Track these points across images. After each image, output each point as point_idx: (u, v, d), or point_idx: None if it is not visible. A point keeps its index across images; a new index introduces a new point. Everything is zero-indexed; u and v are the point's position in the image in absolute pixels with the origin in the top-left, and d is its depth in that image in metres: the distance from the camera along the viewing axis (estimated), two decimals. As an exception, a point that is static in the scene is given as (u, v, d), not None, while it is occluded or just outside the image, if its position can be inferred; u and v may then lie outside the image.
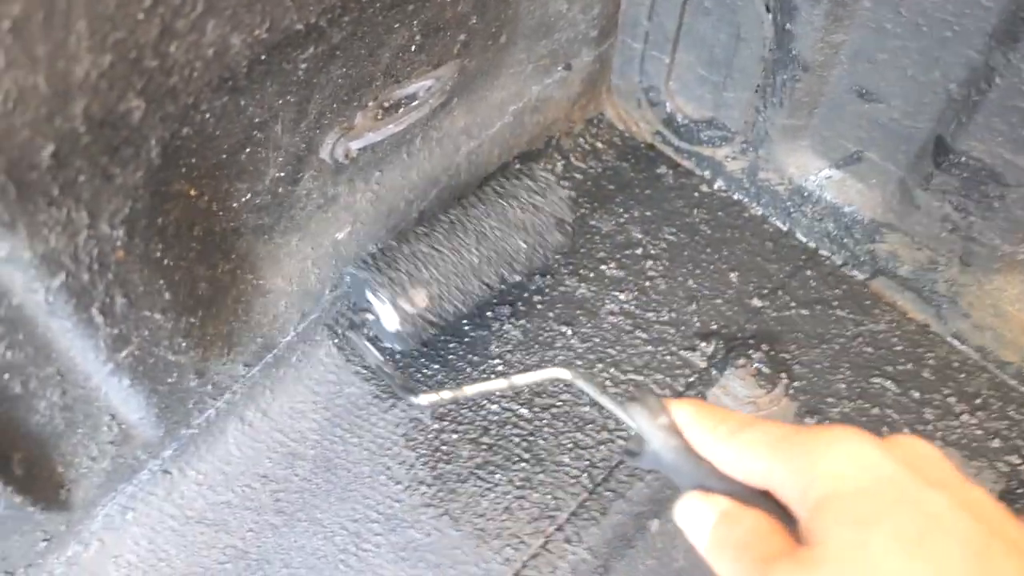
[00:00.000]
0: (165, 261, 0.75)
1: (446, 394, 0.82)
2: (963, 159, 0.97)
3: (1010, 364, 1.09)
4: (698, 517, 0.57)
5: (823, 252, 1.19)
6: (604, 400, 0.65)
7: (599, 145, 1.28)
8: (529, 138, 1.20)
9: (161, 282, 0.75)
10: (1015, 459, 1.02)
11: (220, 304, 0.88)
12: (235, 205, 0.85)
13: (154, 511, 0.94)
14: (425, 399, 0.86)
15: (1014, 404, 1.07)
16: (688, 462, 0.58)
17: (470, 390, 0.79)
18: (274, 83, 0.77)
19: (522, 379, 0.73)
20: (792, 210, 1.19)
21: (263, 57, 0.72)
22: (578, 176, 1.25)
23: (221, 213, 0.83)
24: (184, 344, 0.82)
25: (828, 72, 1.04)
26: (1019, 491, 1.00)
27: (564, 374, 0.70)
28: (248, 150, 0.81)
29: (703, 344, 1.10)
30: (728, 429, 0.56)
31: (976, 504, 0.48)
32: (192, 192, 0.77)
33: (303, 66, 0.78)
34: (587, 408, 1.04)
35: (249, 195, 0.86)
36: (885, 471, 0.49)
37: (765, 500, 0.55)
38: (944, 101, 0.96)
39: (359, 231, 1.02)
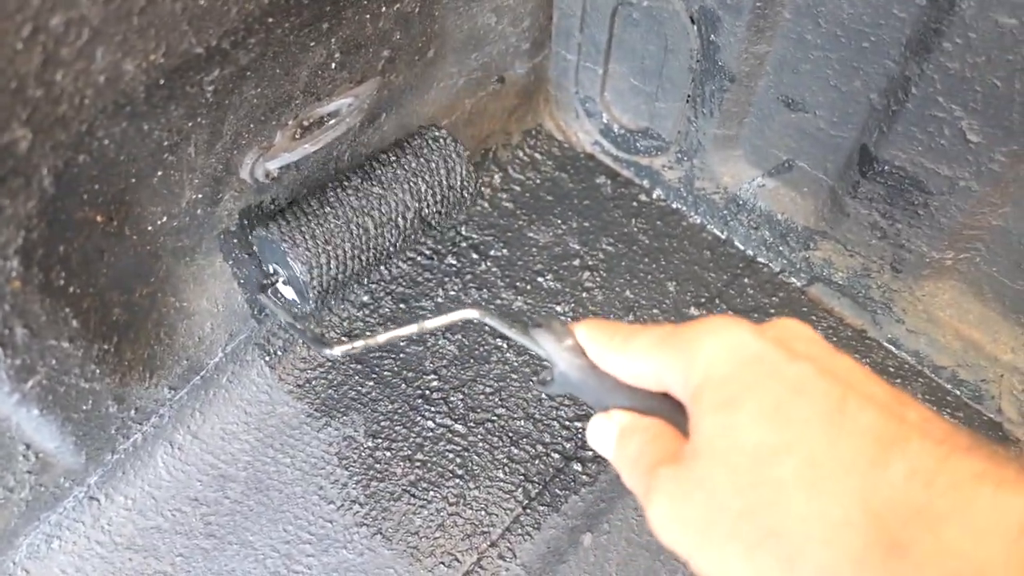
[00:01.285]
0: (71, 289, 0.74)
1: (359, 343, 0.81)
2: (887, 168, 0.98)
3: (944, 368, 1.09)
4: (602, 436, 0.59)
5: (760, 260, 1.20)
6: (512, 333, 0.65)
7: (537, 156, 1.27)
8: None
9: (67, 311, 0.74)
10: None
11: (138, 328, 0.87)
12: (150, 228, 0.84)
13: (81, 538, 0.93)
14: (339, 349, 0.84)
15: (948, 408, 1.08)
16: (593, 379, 0.59)
17: (382, 337, 0.78)
18: (179, 106, 0.76)
19: (432, 323, 0.73)
20: (729, 218, 1.20)
21: (162, 82, 0.71)
22: (516, 188, 1.24)
23: (135, 237, 0.82)
24: (98, 371, 0.82)
25: (755, 82, 1.04)
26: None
27: (472, 313, 0.71)
28: (160, 173, 0.80)
29: (639, 355, 1.10)
30: (621, 339, 0.57)
31: (838, 369, 0.49)
32: (99, 218, 0.76)
33: (210, 88, 0.78)
34: (522, 422, 1.04)
35: (165, 218, 0.85)
36: (752, 350, 0.50)
37: (664, 403, 0.56)
38: (866, 110, 0.97)
39: (288, 250, 1.01)
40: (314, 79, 0.90)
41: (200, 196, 0.87)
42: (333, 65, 0.91)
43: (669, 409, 0.56)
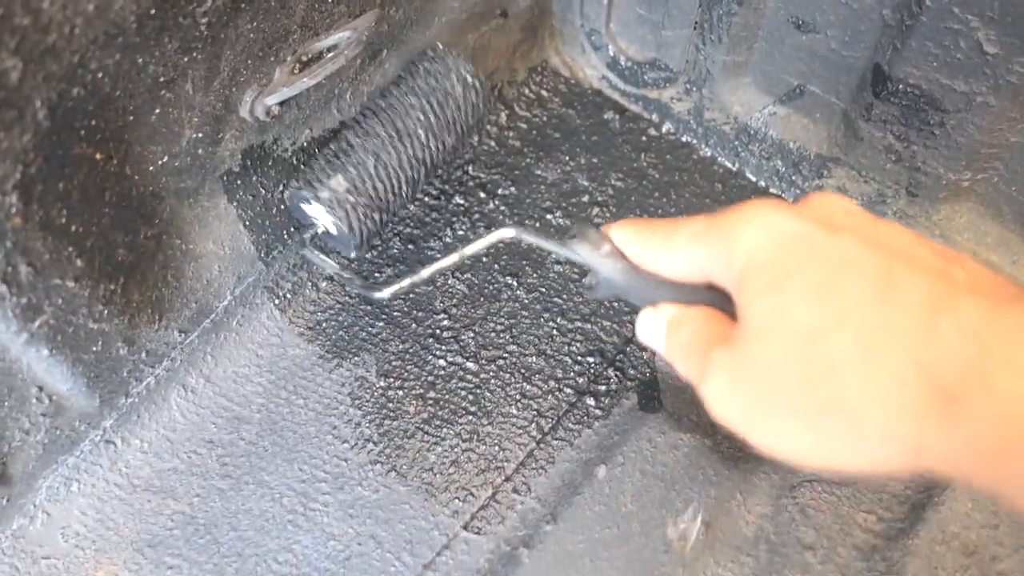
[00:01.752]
0: (73, 227, 0.74)
1: (405, 282, 0.84)
2: (901, 87, 0.95)
3: (962, 294, 1.07)
4: (652, 330, 0.62)
5: (773, 190, 1.17)
6: (551, 246, 0.67)
7: (544, 93, 1.25)
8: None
9: (70, 249, 0.74)
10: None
11: (145, 270, 0.87)
12: (151, 168, 0.83)
13: (99, 481, 0.94)
14: (387, 291, 0.87)
15: (967, 334, 1.06)
16: (636, 279, 0.61)
17: (426, 272, 0.81)
18: (173, 39, 0.74)
19: (471, 248, 0.75)
20: (740, 149, 1.17)
21: (153, 11, 0.69)
22: (523, 126, 1.22)
23: (136, 177, 0.82)
24: (105, 312, 0.81)
25: (763, 4, 1.01)
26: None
27: (509, 232, 0.71)
28: (158, 111, 0.80)
29: (651, 289, 1.08)
30: (661, 236, 0.59)
31: (882, 237, 0.50)
32: (98, 156, 0.75)
33: (204, 20, 0.76)
34: (534, 358, 1.03)
35: (166, 158, 0.84)
36: (794, 231, 0.51)
37: (709, 293, 0.57)
38: (879, 28, 0.94)
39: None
40: (311, 12, 0.89)
41: (200, 135, 0.86)
42: (330, -2, 0.90)
43: (716, 299, 0.57)
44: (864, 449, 0.47)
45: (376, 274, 1.08)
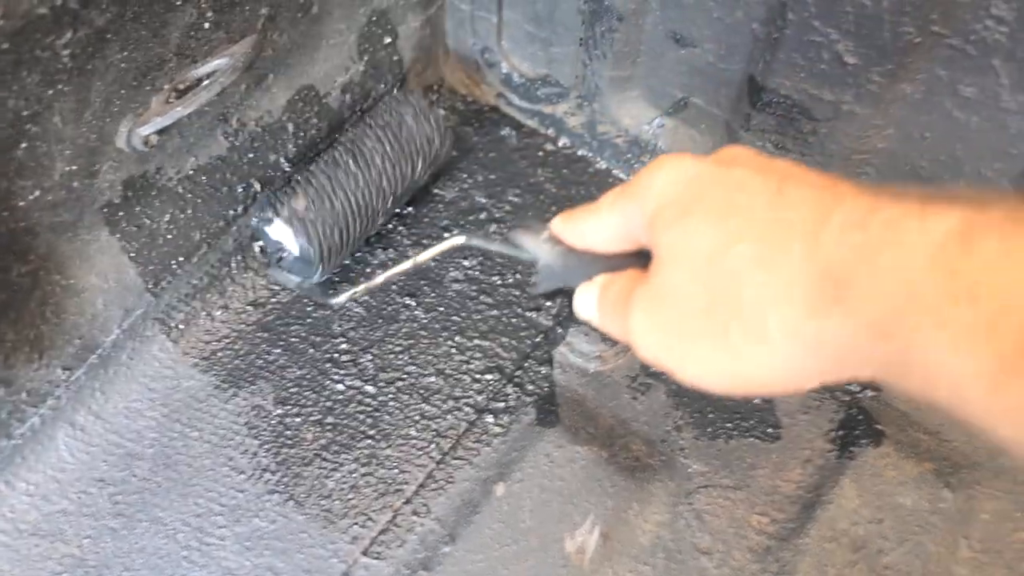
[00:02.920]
0: (-68, 269, 0.72)
1: (359, 287, 0.87)
2: (775, 97, 0.98)
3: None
4: (586, 299, 0.65)
5: (667, 201, 1.20)
6: (497, 246, 0.71)
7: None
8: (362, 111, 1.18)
9: (-70, 291, 0.72)
10: (855, 387, 1.04)
11: (20, 308, 0.84)
12: (22, 204, 0.81)
13: (-17, 528, 0.91)
14: (343, 296, 0.90)
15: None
16: (573, 260, 0.64)
17: (379, 278, 0.83)
18: (33, 73, 0.73)
19: (424, 255, 0.77)
20: (633, 161, 1.20)
21: (5, 46, 0.68)
22: (419, 145, 1.23)
23: (5, 213, 0.80)
24: (-25, 354, 0.79)
25: (642, 20, 1.04)
26: (859, 418, 1.02)
27: (460, 240, 0.75)
28: (24, 145, 0.78)
29: (548, 304, 1.10)
30: (587, 210, 0.62)
31: (776, 166, 0.53)
32: (-42, 193, 0.73)
33: (66, 52, 0.75)
34: (433, 378, 1.03)
35: (38, 192, 0.82)
36: (696, 170, 0.55)
37: (639, 258, 0.61)
38: (750, 40, 0.97)
39: (180, 219, 0.99)
40: (187, 40, 0.88)
41: (75, 167, 0.84)
42: (207, 25, 0.89)
43: (645, 260, 0.59)
44: (775, 357, 0.49)
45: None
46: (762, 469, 0.99)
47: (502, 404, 1.02)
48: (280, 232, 1.01)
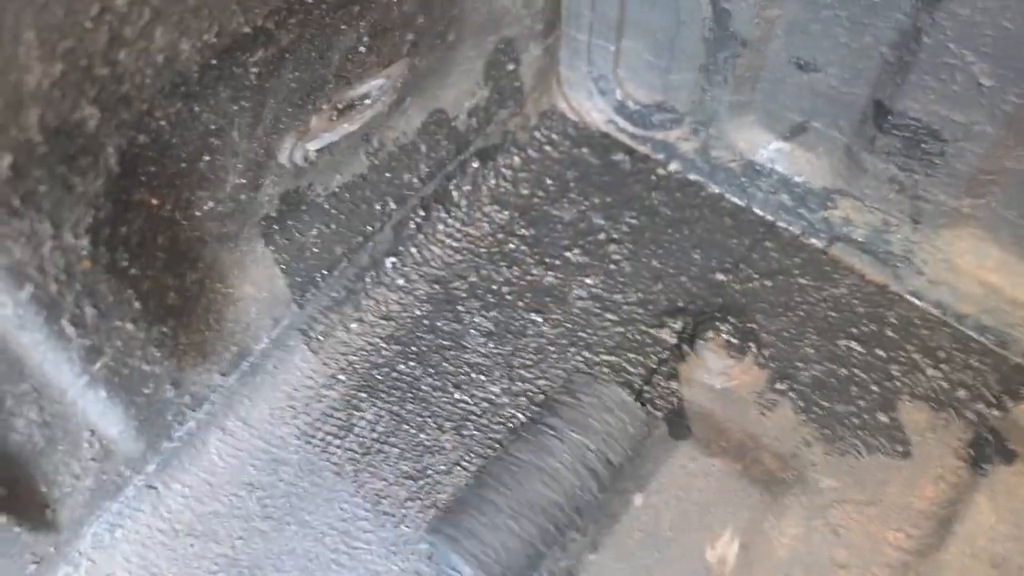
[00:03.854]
0: (132, 271, 0.76)
1: None
2: (902, 120, 1.01)
3: (968, 316, 1.12)
4: None
5: (780, 224, 1.22)
6: None
7: (554, 136, 1.30)
8: (486, 134, 1.22)
9: (130, 291, 0.76)
10: (982, 406, 1.05)
11: (191, 313, 0.89)
12: (198, 213, 0.86)
13: (142, 527, 0.95)
14: None
15: (975, 354, 1.10)
16: None
17: None
18: (227, 88, 0.78)
19: None
20: (747, 185, 1.22)
21: (214, 62, 0.73)
22: (535, 168, 1.27)
23: (185, 222, 0.85)
24: (158, 354, 0.83)
25: (766, 46, 1.07)
26: (987, 438, 1.03)
27: None
28: (207, 157, 0.83)
29: (671, 321, 1.12)
30: None
31: None
32: (154, 201, 0.78)
33: (254, 70, 0.80)
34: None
35: (212, 203, 0.87)
36: None
37: None
38: (879, 65, 1.00)
39: (326, 234, 1.04)
40: (345, 63, 0.93)
41: (243, 181, 0.89)
42: (362, 48, 0.94)
43: None
44: None
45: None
46: (894, 485, 0.99)
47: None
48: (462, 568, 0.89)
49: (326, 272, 1.06)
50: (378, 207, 1.10)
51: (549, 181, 1.26)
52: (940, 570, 0.93)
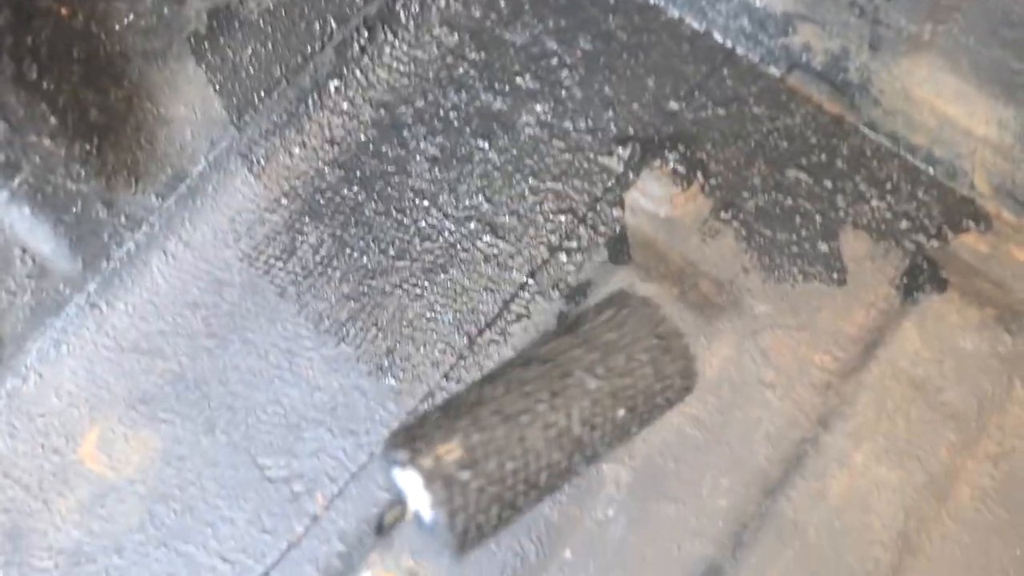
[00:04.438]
0: (44, 84, 0.74)
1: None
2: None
3: (920, 147, 1.11)
4: None
5: (739, 50, 1.18)
6: None
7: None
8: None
9: (43, 106, 0.75)
10: (921, 237, 1.06)
11: (118, 132, 0.87)
12: (117, 27, 0.83)
13: (87, 344, 0.97)
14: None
15: (923, 186, 1.10)
16: None
17: None
18: None
19: None
20: (707, 9, 1.18)
21: None
22: (489, -12, 1.21)
23: (102, 35, 0.81)
24: (83, 172, 0.83)
25: None
26: (922, 267, 1.04)
27: None
28: (120, -35, 0.79)
29: (620, 149, 1.11)
30: None
31: None
32: (63, 11, 0.75)
33: None
34: (507, 218, 1.06)
35: (132, 16, 0.84)
36: None
37: None
38: None
39: (261, 54, 1.00)
40: None
41: (165, -7, 0.85)
42: None
43: None
44: None
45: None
46: (826, 312, 1.02)
47: (575, 244, 1.05)
48: (412, 485, 0.68)
49: (264, 94, 1.04)
50: (317, 26, 1.06)
51: (503, 3, 1.21)
52: (860, 389, 0.97)
